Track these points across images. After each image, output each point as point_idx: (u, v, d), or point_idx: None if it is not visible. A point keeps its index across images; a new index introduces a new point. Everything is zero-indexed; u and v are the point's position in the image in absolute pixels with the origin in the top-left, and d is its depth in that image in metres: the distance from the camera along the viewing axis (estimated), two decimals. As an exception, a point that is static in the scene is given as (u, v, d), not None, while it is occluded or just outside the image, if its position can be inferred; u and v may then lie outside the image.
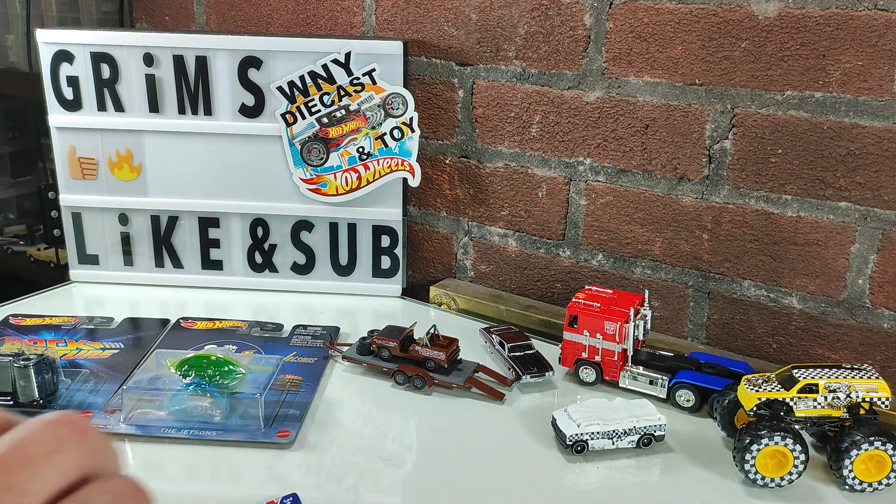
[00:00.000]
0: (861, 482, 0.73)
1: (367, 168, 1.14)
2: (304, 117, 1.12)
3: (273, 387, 0.85)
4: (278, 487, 0.70)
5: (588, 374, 0.93)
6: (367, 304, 1.18)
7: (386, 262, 1.20)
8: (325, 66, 1.10)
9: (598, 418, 0.79)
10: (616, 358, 0.91)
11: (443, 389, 0.91)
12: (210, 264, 1.21)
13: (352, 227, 1.18)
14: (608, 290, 0.97)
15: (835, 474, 0.74)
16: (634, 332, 0.91)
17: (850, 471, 0.72)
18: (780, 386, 0.75)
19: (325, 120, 1.13)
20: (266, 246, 1.20)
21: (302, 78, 1.11)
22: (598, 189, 1.09)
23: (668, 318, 1.08)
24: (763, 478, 0.73)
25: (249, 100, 1.13)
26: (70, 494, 0.26)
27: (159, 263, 1.21)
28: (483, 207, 1.20)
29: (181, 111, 1.14)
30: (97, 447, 0.27)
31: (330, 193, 1.15)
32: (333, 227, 1.19)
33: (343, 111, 1.12)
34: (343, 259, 1.20)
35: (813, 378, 0.74)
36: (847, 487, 0.73)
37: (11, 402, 0.82)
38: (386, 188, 1.15)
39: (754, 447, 0.72)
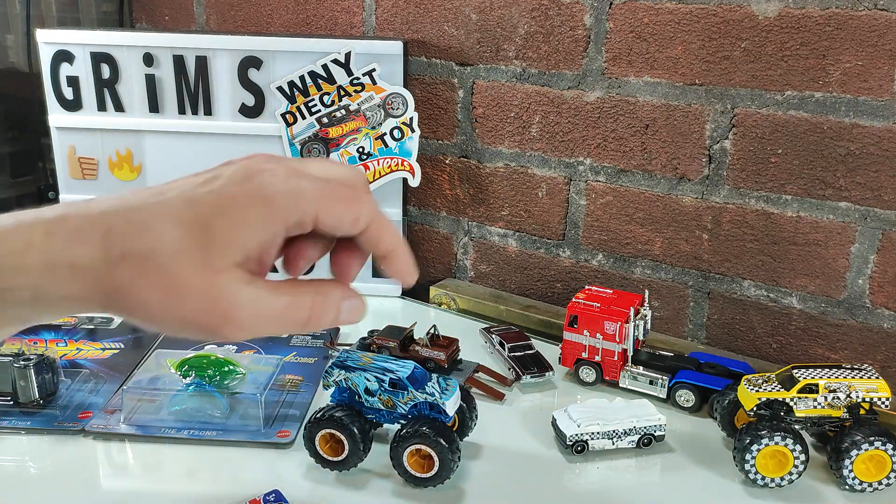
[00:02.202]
0: (861, 482, 0.73)
1: (367, 168, 1.14)
2: (304, 117, 1.12)
3: (273, 387, 0.85)
4: (278, 487, 0.70)
5: (588, 374, 0.93)
6: (367, 304, 1.18)
7: (386, 262, 1.19)
8: (325, 66, 1.10)
9: (598, 418, 0.79)
10: (616, 358, 0.91)
11: (443, 389, 0.91)
12: (210, 264, 1.20)
13: (352, 227, 1.18)
14: (608, 290, 0.97)
15: (835, 474, 0.74)
16: (634, 332, 0.91)
17: (850, 471, 0.72)
18: (780, 386, 0.75)
19: (325, 120, 1.13)
20: (266, 246, 1.19)
21: (302, 78, 1.11)
22: (598, 189, 1.09)
23: (668, 318, 1.08)
24: (763, 478, 0.73)
25: (249, 100, 1.13)
26: None
27: (159, 263, 1.20)
28: (483, 207, 1.20)
29: (181, 111, 1.14)
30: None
31: (330, 193, 1.15)
32: (333, 227, 1.18)
33: (343, 111, 1.12)
34: (343, 259, 1.20)
35: (813, 378, 0.74)
36: (847, 487, 0.73)
37: (11, 402, 0.82)
38: (386, 188, 1.15)
39: (754, 447, 0.72)
